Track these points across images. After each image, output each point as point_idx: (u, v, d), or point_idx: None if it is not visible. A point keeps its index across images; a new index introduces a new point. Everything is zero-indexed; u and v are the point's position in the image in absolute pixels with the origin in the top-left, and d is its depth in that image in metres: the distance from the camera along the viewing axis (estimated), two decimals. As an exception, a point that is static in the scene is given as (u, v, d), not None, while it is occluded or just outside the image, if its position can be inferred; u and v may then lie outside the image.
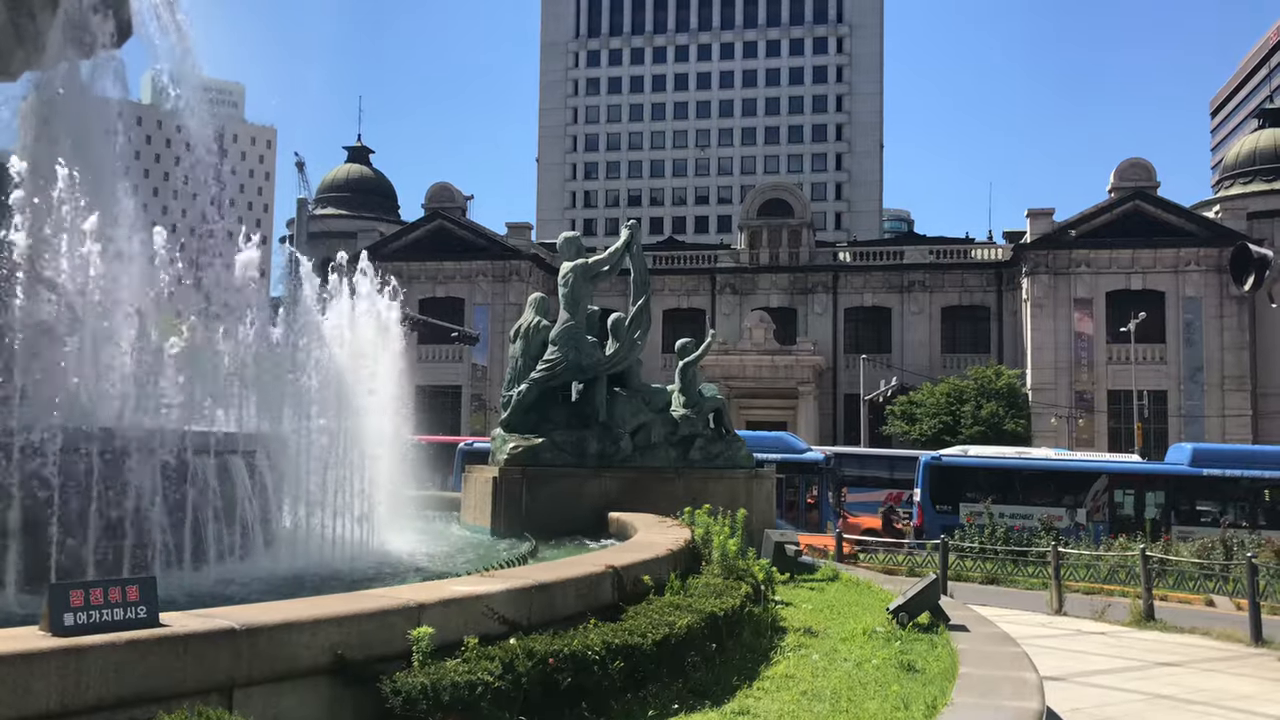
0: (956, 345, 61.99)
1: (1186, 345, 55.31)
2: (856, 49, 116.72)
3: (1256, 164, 59.43)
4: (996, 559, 22.97)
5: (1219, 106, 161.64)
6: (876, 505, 39.27)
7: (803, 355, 59.35)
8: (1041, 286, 56.78)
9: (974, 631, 9.01)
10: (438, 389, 60.27)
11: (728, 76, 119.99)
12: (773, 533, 13.11)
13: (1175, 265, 55.65)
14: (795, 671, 7.14)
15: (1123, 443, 52.39)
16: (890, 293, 62.69)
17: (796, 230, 64.66)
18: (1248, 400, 54.55)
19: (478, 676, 5.04)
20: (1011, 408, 53.42)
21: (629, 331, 14.55)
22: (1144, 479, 33.15)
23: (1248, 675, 11.76)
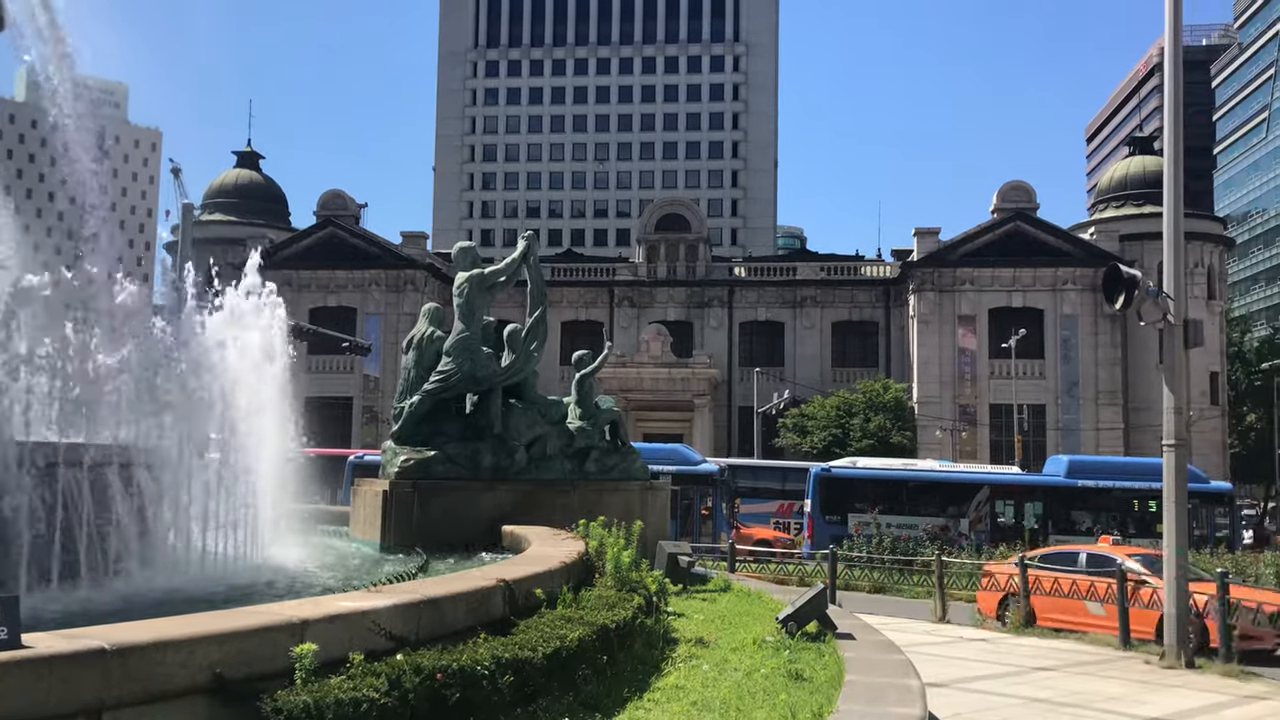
0: (846, 359, 63.41)
1: (1064, 361, 57.64)
2: (752, 68, 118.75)
3: (1128, 189, 62.35)
4: (883, 568, 23.52)
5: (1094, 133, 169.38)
6: (769, 516, 39.88)
7: (699, 368, 59.93)
8: (927, 303, 58.51)
9: (860, 640, 9.21)
10: (328, 400, 58.92)
11: (626, 91, 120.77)
12: (666, 544, 13.18)
13: (1053, 284, 57.99)
14: (686, 682, 7.19)
15: (1004, 455, 54.26)
16: (783, 308, 63.81)
17: (693, 245, 65.36)
18: (1120, 414, 57.07)
19: (363, 693, 4.94)
20: (898, 420, 54.84)
21: (525, 343, 14.48)
22: (1023, 490, 34.38)
23: (1116, 678, 12.28)
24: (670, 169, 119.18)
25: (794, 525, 38.36)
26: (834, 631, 9.39)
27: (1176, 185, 14.22)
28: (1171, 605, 13.54)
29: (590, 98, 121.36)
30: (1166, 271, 14.31)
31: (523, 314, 14.77)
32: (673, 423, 59.39)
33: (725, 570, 20.29)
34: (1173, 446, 13.91)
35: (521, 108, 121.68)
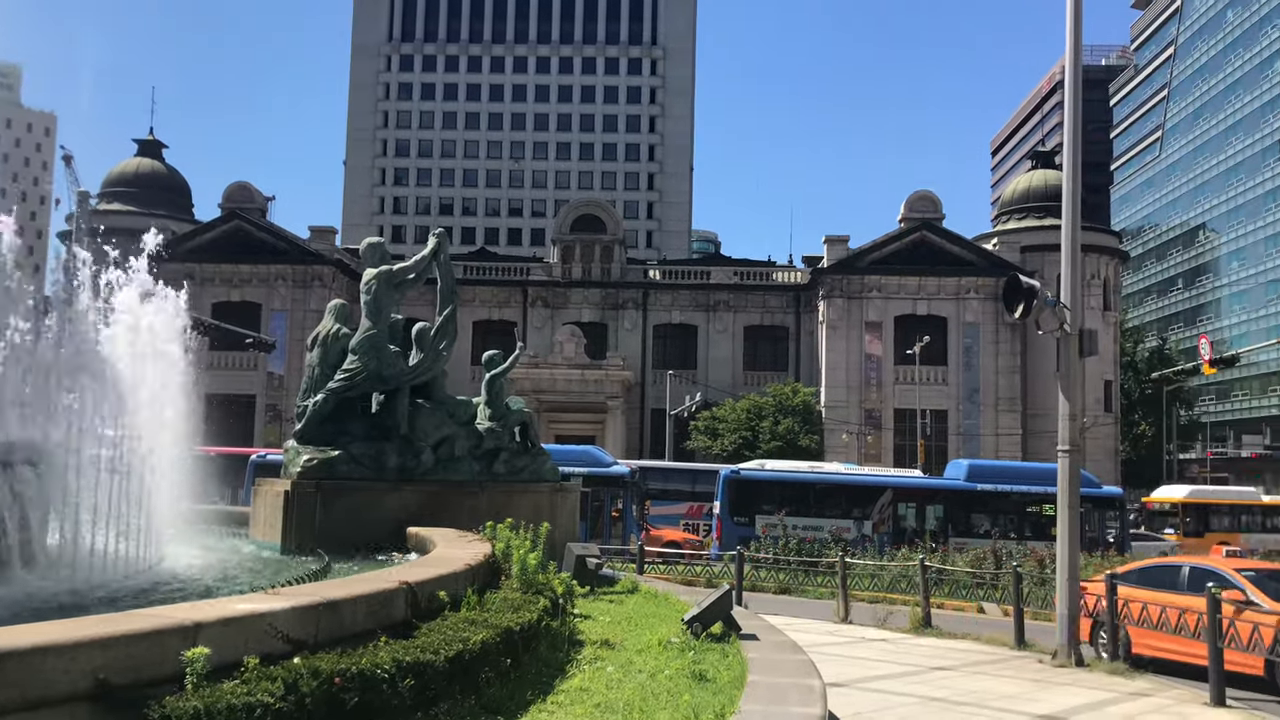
0: (757, 363, 64.19)
1: (965, 368, 59.21)
2: (669, 72, 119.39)
3: (1030, 201, 64.35)
4: (789, 569, 23.83)
5: (999, 147, 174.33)
6: (679, 518, 40.10)
7: (612, 370, 60.01)
8: (836, 309, 59.55)
9: (764, 640, 9.30)
10: (230, 398, 57.48)
11: (543, 90, 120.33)
12: (575, 546, 13.15)
13: (957, 293, 59.53)
14: (590, 684, 7.17)
15: (907, 458, 55.50)
16: (697, 311, 64.30)
17: (609, 247, 65.43)
18: (1018, 420, 58.84)
19: (257, 698, 4.81)
20: (807, 424, 55.71)
21: (434, 342, 14.29)
22: (925, 493, 35.20)
23: (1010, 676, 12.64)
24: (586, 170, 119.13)
25: (703, 527, 38.64)
26: (738, 632, 9.47)
27: (1074, 200, 14.70)
28: (1063, 605, 14.00)
29: (506, 96, 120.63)
30: (1064, 283, 14.78)
31: (433, 312, 14.57)
32: (585, 424, 59.35)
33: (634, 572, 20.35)
34: (1067, 452, 14.38)
35: (436, 103, 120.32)
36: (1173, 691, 12.06)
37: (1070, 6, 14.68)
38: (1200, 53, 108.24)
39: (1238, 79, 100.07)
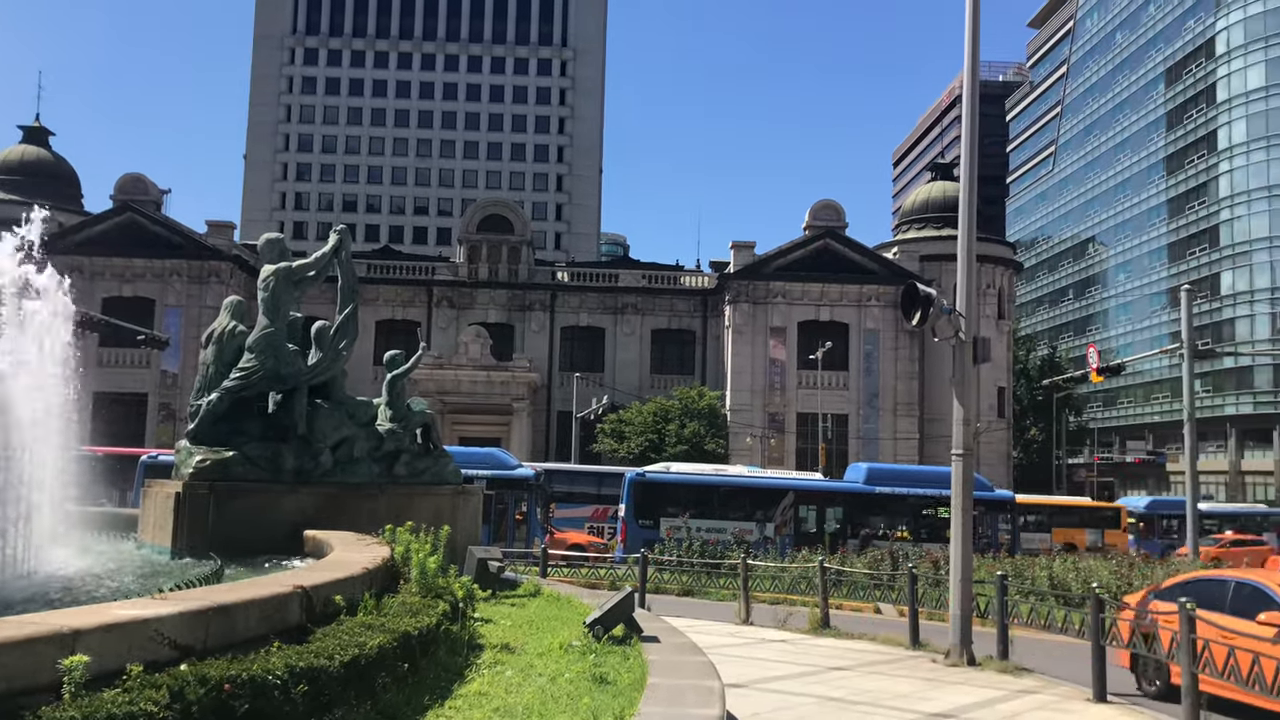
0: (664, 366, 64.55)
1: (866, 373, 60.49)
2: (579, 74, 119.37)
3: (929, 212, 66.08)
4: (693, 572, 23.99)
5: (900, 158, 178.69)
6: (584, 521, 40.08)
7: (519, 372, 59.66)
8: (742, 314, 60.26)
9: (665, 642, 9.35)
10: (121, 396, 55.55)
11: (451, 88, 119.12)
12: (476, 549, 13.03)
13: (859, 300, 60.78)
14: (489, 689, 7.12)
15: (809, 461, 56.45)
16: (605, 314, 64.36)
17: (516, 247, 65.06)
18: (916, 425, 60.34)
19: (140, 707, 4.64)
20: (712, 427, 56.23)
21: (334, 341, 14.00)
22: (825, 495, 35.84)
23: (905, 676, 12.93)
24: (495, 169, 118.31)
25: (609, 530, 38.70)
26: (640, 634, 9.50)
27: (970, 212, 15.13)
28: (956, 606, 14.38)
29: (414, 93, 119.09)
30: (959, 291, 15.19)
31: (333, 311, 14.27)
32: (491, 426, 58.88)
33: (537, 575, 20.25)
34: (960, 456, 14.78)
35: (341, 98, 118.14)
36: (1059, 689, 12.47)
37: (969, 24, 15.11)
38: (1091, 72, 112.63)
39: (1125, 98, 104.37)
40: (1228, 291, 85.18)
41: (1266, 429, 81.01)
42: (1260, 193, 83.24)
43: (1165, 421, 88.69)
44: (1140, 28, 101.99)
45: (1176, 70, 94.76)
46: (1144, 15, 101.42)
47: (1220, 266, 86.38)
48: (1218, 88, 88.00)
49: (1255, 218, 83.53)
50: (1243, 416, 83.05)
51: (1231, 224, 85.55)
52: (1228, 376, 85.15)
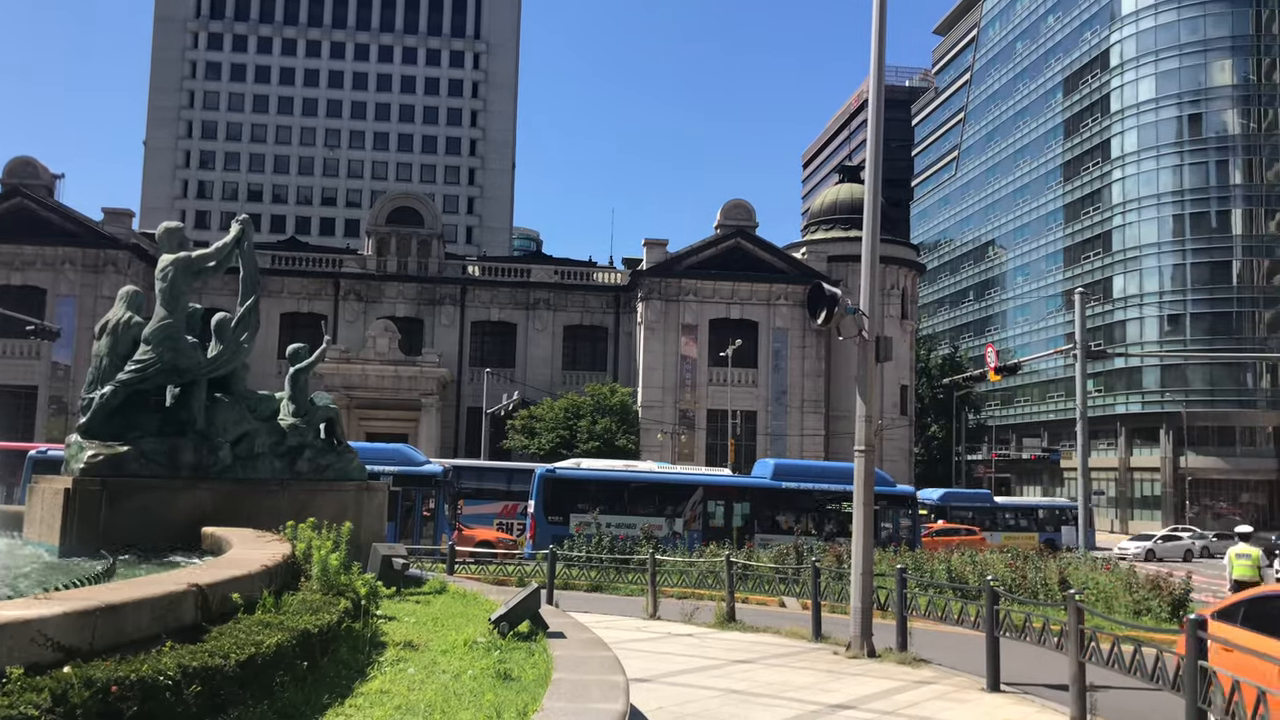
0: (577, 363, 64.51)
1: (774, 371, 61.34)
2: (492, 67, 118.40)
3: (837, 213, 67.26)
4: (601, 567, 24.04)
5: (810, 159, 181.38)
6: (493, 517, 39.84)
7: (427, 367, 58.97)
8: (654, 311, 60.54)
9: (571, 638, 9.36)
10: (9, 389, 53.37)
11: (362, 78, 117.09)
12: (381, 546, 12.85)
13: (768, 299, 61.59)
14: (391, 686, 7.04)
15: (718, 458, 57.03)
16: (516, 309, 64.02)
17: (426, 241, 64.27)
18: (822, 421, 61.41)
19: (20, 711, 4.49)
20: (624, 423, 56.40)
21: (235, 333, 13.65)
22: (733, 491, 36.19)
23: (807, 668, 13.17)
24: (405, 161, 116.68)
25: (518, 526, 38.54)
26: (546, 630, 9.50)
27: (874, 214, 15.46)
28: (857, 599, 14.69)
29: (322, 81, 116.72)
30: (863, 291, 15.51)
31: (235, 303, 13.92)
32: (399, 422, 58.11)
33: (444, 572, 20.07)
34: (863, 452, 15.10)
35: (247, 85, 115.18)
36: (954, 679, 12.83)
37: (875, 30, 15.43)
38: (993, 80, 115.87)
39: (1025, 106, 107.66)
40: (1119, 295, 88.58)
41: (1154, 428, 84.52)
42: (1150, 200, 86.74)
43: (1059, 419, 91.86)
44: (1040, 38, 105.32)
45: (1074, 80, 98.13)
46: (1044, 26, 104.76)
47: (1112, 271, 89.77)
48: (1112, 98, 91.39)
49: (1145, 224, 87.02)
50: (1132, 415, 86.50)
51: (1123, 230, 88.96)
52: (1118, 377, 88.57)
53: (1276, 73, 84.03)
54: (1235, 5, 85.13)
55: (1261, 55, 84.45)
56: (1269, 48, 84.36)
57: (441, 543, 28.16)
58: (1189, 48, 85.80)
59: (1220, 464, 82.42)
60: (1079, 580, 20.52)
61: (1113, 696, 11.44)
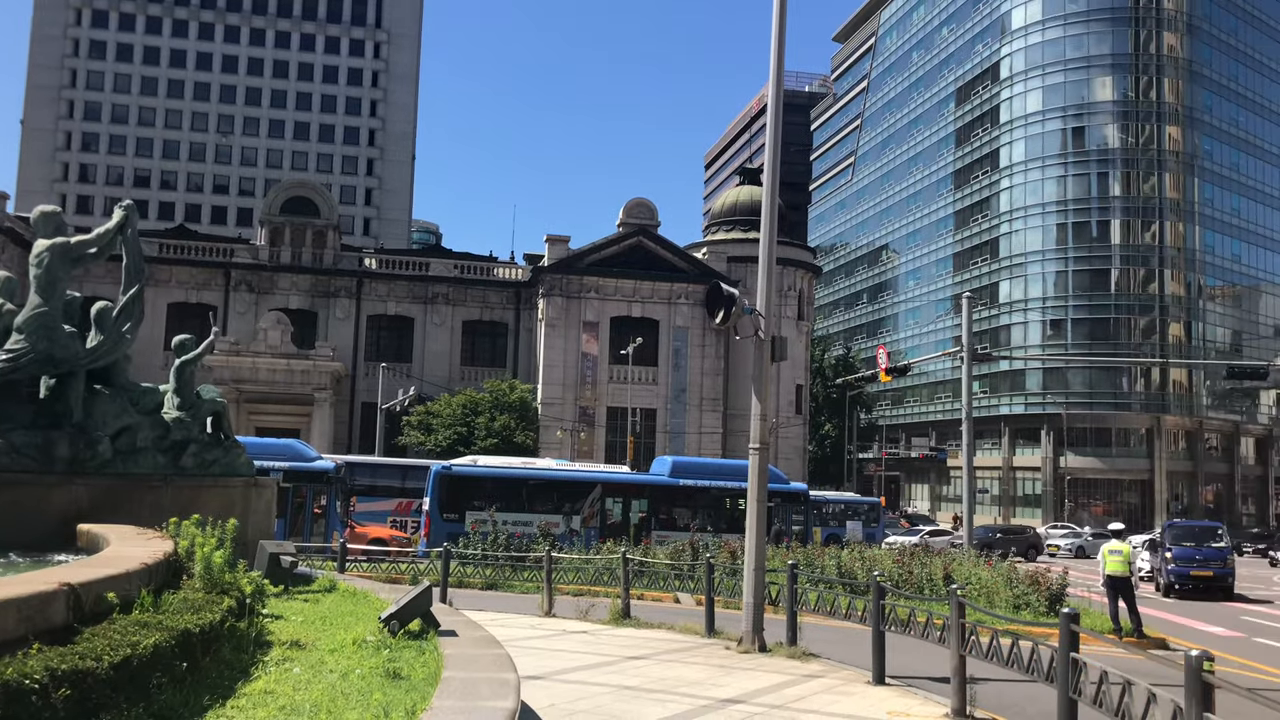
0: (475, 359, 63.91)
1: (674, 369, 61.80)
2: (393, 57, 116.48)
3: (737, 215, 68.08)
4: (497, 565, 23.90)
5: (712, 160, 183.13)
6: (387, 514, 39.25)
7: (321, 361, 57.70)
8: (555, 308, 60.38)
9: (463, 636, 9.29)
10: None
11: (257, 64, 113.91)
12: (268, 544, 12.54)
13: (669, 298, 62.00)
14: (275, 687, 6.88)
15: (618, 455, 57.20)
16: (414, 303, 63.09)
17: (322, 231, 62.87)
18: (720, 419, 62.11)
19: None
20: (523, 420, 56.10)
21: (116, 323, 13.14)
22: (632, 488, 36.38)
23: (699, 663, 13.32)
24: (301, 150, 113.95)
25: (412, 524, 38.04)
26: (437, 629, 9.40)
27: (772, 217, 15.69)
28: (749, 594, 14.91)
29: (215, 65, 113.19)
30: (760, 292, 15.75)
31: (119, 291, 13.41)
32: (290, 417, 56.74)
33: (335, 570, 19.70)
34: (757, 450, 15.33)
35: (134, 66, 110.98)
36: (842, 673, 13.13)
37: (775, 36, 15.66)
38: (889, 88, 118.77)
39: (919, 115, 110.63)
40: (1005, 300, 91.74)
41: (1035, 428, 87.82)
42: (1035, 209, 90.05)
43: (947, 419, 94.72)
44: (935, 49, 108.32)
45: (965, 91, 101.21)
46: (938, 37, 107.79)
47: (999, 276, 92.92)
48: (1001, 110, 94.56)
49: (1030, 232, 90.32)
50: (1015, 416, 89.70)
51: (1010, 237, 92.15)
52: (1003, 379, 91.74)
53: (1153, 90, 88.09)
54: (1116, 25, 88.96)
55: (1140, 73, 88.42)
56: (1146, 66, 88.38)
57: (333, 540, 27.63)
58: (1073, 64, 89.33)
59: (1097, 464, 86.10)
60: (963, 576, 21.18)
61: (992, 688, 11.86)
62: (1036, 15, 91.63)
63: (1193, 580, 30.76)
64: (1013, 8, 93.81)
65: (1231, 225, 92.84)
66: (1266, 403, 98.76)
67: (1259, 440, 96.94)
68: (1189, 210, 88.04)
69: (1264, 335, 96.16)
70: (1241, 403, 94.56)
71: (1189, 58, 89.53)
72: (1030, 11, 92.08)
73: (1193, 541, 32.57)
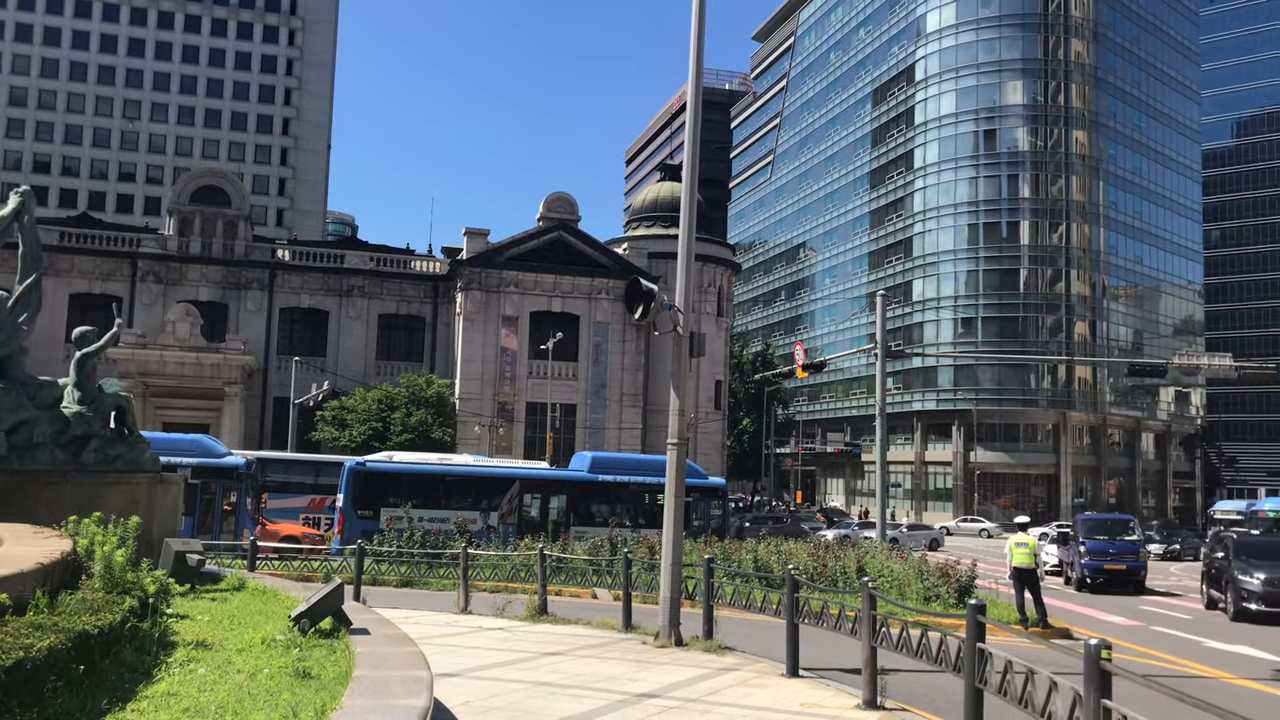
0: (392, 353, 63.01)
1: (594, 365, 61.76)
2: (308, 45, 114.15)
3: (658, 211, 68.28)
4: (413, 562, 23.63)
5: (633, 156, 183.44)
6: (300, 511, 38.52)
7: (232, 354, 56.30)
8: (474, 302, 59.85)
9: (376, 634, 9.16)
10: None
11: (166, 48, 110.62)
12: (174, 542, 12.20)
13: (589, 293, 61.93)
14: (179, 688, 6.69)
15: (537, 451, 56.96)
16: (329, 296, 61.95)
17: (233, 222, 61.33)
18: (640, 415, 62.26)
19: None
20: (440, 416, 55.48)
21: (13, 314, 12.66)
22: (551, 484, 36.26)
23: (616, 659, 13.33)
24: (212, 138, 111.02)
25: (326, 521, 37.40)
26: (350, 627, 9.26)
27: (691, 213, 15.76)
28: (666, 589, 14.97)
29: (120, 49, 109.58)
30: (679, 288, 15.80)
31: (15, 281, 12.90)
32: (199, 411, 55.26)
33: (245, 569, 19.27)
34: (675, 445, 15.39)
35: (34, 47, 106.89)
36: (757, 666, 13.26)
37: (694, 34, 15.72)
38: (808, 88, 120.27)
39: (837, 115, 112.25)
40: (918, 298, 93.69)
41: (947, 424, 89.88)
42: (947, 209, 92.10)
43: (862, 415, 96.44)
44: (852, 50, 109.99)
45: (882, 92, 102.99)
46: (855, 39, 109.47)
47: (912, 275, 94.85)
48: (916, 111, 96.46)
49: (943, 232, 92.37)
50: (927, 412, 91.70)
51: (923, 237, 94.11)
52: (916, 375, 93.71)
53: (1061, 95, 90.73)
54: (1026, 30, 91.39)
55: (1048, 78, 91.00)
56: (1055, 71, 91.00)
57: (243, 538, 27.02)
58: (985, 67, 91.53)
59: (1005, 458, 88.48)
60: (875, 569, 21.58)
61: (903, 679, 12.09)
62: (951, 19, 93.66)
63: (1106, 574, 30.84)
64: (928, 11, 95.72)
65: (1134, 228, 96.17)
66: (1166, 399, 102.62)
67: (1158, 436, 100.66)
68: (1094, 212, 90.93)
69: (1164, 334, 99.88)
70: (1143, 399, 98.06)
71: (1095, 64, 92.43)
72: (945, 15, 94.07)
73: (1105, 535, 32.49)
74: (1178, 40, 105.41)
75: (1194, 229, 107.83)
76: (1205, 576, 27.59)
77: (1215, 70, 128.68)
